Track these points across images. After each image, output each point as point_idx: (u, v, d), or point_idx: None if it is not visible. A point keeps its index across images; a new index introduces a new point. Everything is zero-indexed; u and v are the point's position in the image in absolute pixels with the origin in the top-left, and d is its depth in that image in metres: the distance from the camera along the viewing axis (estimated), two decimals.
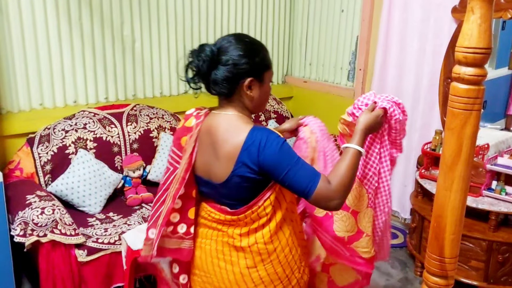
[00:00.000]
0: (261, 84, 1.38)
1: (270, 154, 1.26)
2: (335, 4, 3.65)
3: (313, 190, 1.23)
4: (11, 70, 2.69)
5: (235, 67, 1.32)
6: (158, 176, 3.00)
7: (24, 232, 2.17)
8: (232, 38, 1.36)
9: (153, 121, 3.13)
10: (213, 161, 1.37)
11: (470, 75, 0.95)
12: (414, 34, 3.09)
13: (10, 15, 2.62)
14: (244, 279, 1.38)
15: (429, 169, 2.85)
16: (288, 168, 1.25)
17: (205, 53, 1.33)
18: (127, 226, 2.52)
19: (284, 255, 1.40)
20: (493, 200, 2.54)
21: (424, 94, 3.10)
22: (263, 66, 1.37)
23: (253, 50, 1.35)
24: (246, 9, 3.72)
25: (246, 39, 1.37)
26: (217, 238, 1.42)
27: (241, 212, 1.36)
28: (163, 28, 3.26)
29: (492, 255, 2.49)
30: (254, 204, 1.34)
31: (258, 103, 1.40)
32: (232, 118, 1.36)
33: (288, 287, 1.42)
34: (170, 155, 1.47)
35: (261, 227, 1.37)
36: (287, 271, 1.41)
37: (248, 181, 1.32)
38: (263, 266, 1.38)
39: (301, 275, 1.47)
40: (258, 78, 1.36)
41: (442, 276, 1.10)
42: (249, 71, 1.33)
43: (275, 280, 1.39)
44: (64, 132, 2.76)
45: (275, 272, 1.39)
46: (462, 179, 1.01)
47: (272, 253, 1.38)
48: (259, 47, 1.38)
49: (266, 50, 1.40)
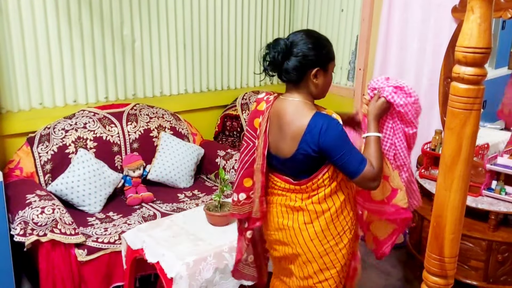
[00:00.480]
0: (326, 74, 1.60)
1: (329, 138, 1.49)
2: (335, 4, 3.65)
3: (360, 172, 1.48)
4: (11, 69, 2.69)
5: (305, 58, 1.54)
6: (158, 176, 3.00)
7: (24, 232, 2.17)
8: (303, 33, 1.58)
9: (153, 120, 3.13)
10: (280, 139, 1.60)
11: (470, 75, 0.95)
12: (414, 33, 3.09)
13: (10, 15, 2.62)
14: (302, 234, 1.64)
15: (428, 169, 2.85)
16: (343, 152, 1.49)
17: (280, 46, 1.54)
18: (127, 225, 2.52)
19: (336, 215, 1.63)
20: (493, 200, 2.54)
21: (424, 93, 3.10)
22: (328, 58, 1.60)
23: (320, 44, 1.58)
24: (246, 8, 3.72)
25: (315, 34, 1.61)
26: (281, 202, 1.68)
27: (303, 183, 1.61)
28: (163, 27, 3.26)
29: (492, 255, 2.49)
30: (314, 177, 1.59)
31: (321, 90, 1.63)
32: (298, 104, 1.59)
33: (339, 244, 1.64)
34: (245, 134, 1.72)
35: (319, 193, 1.62)
36: (339, 229, 1.64)
37: (309, 158, 1.55)
38: (318, 222, 1.62)
39: (352, 236, 1.68)
40: (323, 68, 1.58)
41: (441, 276, 1.10)
42: (316, 62, 1.55)
43: (328, 235, 1.63)
44: (64, 131, 2.76)
45: (327, 228, 1.62)
46: (461, 179, 1.01)
47: (326, 212, 1.62)
48: (325, 42, 1.61)
49: (331, 44, 1.63)
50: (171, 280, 1.93)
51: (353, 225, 1.70)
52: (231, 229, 2.24)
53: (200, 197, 2.95)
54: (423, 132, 3.12)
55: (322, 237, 1.63)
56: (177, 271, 1.92)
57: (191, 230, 2.21)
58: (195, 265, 1.95)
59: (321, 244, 1.64)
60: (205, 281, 1.97)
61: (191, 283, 1.92)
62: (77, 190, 2.63)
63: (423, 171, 2.84)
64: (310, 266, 1.67)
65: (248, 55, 3.85)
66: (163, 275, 1.97)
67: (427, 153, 2.84)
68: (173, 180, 3.04)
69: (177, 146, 3.09)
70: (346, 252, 1.67)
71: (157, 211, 2.71)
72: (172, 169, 3.02)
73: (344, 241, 1.65)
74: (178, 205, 2.82)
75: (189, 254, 1.99)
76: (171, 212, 2.68)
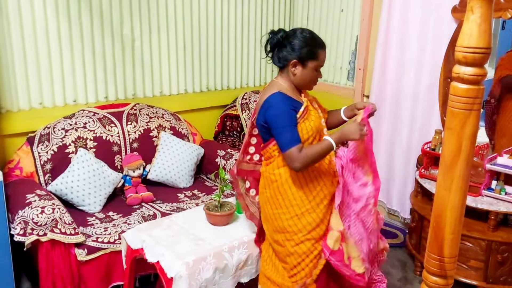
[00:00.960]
0: (304, 68, 1.87)
1: (270, 114, 1.83)
2: (335, 4, 3.65)
3: (286, 149, 1.77)
4: (11, 69, 2.69)
5: (287, 51, 1.86)
6: (158, 176, 3.00)
7: (24, 231, 2.17)
8: (298, 31, 1.87)
9: (153, 120, 3.13)
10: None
11: (470, 75, 0.95)
12: (414, 34, 3.09)
13: (10, 15, 2.62)
14: (261, 196, 1.99)
15: (428, 168, 2.86)
16: (278, 128, 1.80)
17: (277, 36, 1.88)
18: (127, 225, 2.52)
19: (283, 188, 1.89)
20: (493, 200, 2.54)
21: (424, 94, 3.10)
22: (308, 56, 1.84)
23: (305, 42, 1.84)
24: (246, 8, 3.72)
25: (307, 34, 1.86)
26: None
27: (262, 149, 1.98)
28: (163, 27, 3.26)
29: (492, 255, 2.49)
30: (267, 145, 1.93)
31: (300, 81, 1.91)
32: (274, 83, 1.93)
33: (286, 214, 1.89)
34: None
35: (272, 162, 1.92)
36: (286, 201, 1.89)
37: (263, 127, 1.90)
38: (269, 190, 1.93)
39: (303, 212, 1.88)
40: (301, 62, 1.86)
41: (441, 276, 1.10)
42: (296, 56, 1.85)
43: (276, 203, 1.91)
44: (64, 131, 2.76)
45: (275, 196, 1.91)
46: (461, 178, 1.01)
47: (274, 182, 1.91)
48: (312, 42, 1.85)
49: (320, 46, 1.87)
50: (171, 280, 1.93)
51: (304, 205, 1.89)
52: (231, 229, 2.24)
53: (200, 197, 2.95)
54: (423, 131, 3.13)
55: (271, 202, 1.92)
56: (177, 270, 1.92)
57: (191, 230, 2.21)
58: (195, 265, 1.95)
59: (271, 209, 1.93)
60: (205, 281, 1.97)
61: (191, 283, 1.92)
62: (77, 190, 2.63)
63: (423, 171, 2.84)
64: (268, 225, 1.97)
65: (248, 55, 3.84)
66: (163, 274, 1.97)
67: (427, 153, 2.84)
68: (173, 180, 3.04)
69: (177, 146, 3.09)
70: (293, 224, 1.89)
71: (157, 211, 2.71)
72: (172, 169, 3.02)
73: (291, 213, 1.89)
74: (178, 205, 2.82)
75: (189, 254, 1.99)
76: (171, 212, 2.68)
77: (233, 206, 2.31)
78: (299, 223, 1.89)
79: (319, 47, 1.87)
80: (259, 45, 3.90)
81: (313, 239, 1.90)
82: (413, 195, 2.99)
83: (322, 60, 1.89)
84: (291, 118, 1.82)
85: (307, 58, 1.85)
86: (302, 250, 1.90)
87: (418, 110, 3.15)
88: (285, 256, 1.93)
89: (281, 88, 1.89)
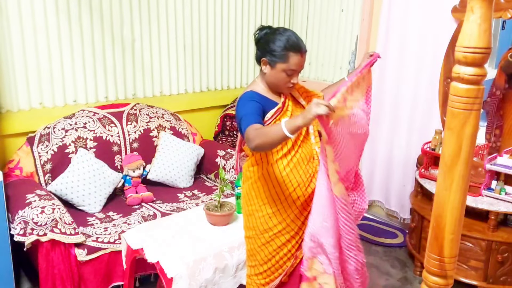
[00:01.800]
0: (272, 68, 1.80)
1: (236, 111, 1.82)
2: (335, 4, 3.65)
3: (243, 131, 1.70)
4: (11, 69, 2.69)
5: (261, 49, 1.83)
6: (158, 176, 3.00)
7: (24, 231, 2.17)
8: (278, 30, 1.81)
9: (153, 120, 3.13)
10: None
11: (470, 75, 0.95)
12: (414, 34, 3.09)
13: (10, 15, 2.62)
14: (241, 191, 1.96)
15: (428, 168, 2.86)
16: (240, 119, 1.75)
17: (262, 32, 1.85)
18: (127, 225, 2.52)
19: (256, 186, 1.85)
20: (493, 200, 2.54)
21: (424, 94, 3.10)
22: (276, 58, 1.78)
23: (278, 43, 1.77)
24: (246, 8, 3.72)
25: (283, 35, 1.79)
26: None
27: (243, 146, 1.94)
28: (163, 27, 3.26)
29: (492, 255, 2.49)
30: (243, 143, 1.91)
31: (268, 81, 1.85)
32: (253, 82, 1.91)
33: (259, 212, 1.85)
34: None
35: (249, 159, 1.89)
36: (258, 199, 1.86)
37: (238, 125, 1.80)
38: (245, 186, 1.91)
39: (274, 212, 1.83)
40: (270, 62, 1.79)
41: (441, 276, 1.10)
42: (266, 55, 1.80)
43: (251, 199, 1.88)
44: (64, 131, 2.76)
45: (250, 193, 1.88)
46: (461, 178, 1.01)
47: (249, 179, 1.88)
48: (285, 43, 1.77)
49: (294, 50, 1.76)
50: (171, 280, 1.93)
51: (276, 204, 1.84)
52: (231, 229, 2.24)
53: (200, 197, 2.95)
54: (423, 131, 3.13)
55: (246, 199, 1.90)
56: (177, 271, 1.92)
57: (191, 230, 2.21)
58: (195, 265, 1.95)
59: (246, 205, 1.91)
60: (205, 281, 1.97)
61: (191, 283, 1.92)
62: (77, 190, 2.63)
63: (423, 171, 2.84)
64: (244, 220, 1.95)
65: (248, 55, 3.85)
66: (163, 274, 1.97)
67: (427, 153, 2.84)
68: (173, 180, 3.04)
69: (177, 146, 3.09)
70: (264, 222, 1.85)
71: (157, 211, 2.71)
72: (172, 169, 3.02)
73: (263, 211, 1.85)
74: (178, 205, 2.82)
75: (189, 254, 1.99)
76: (171, 212, 2.68)
77: (233, 206, 2.31)
78: (270, 222, 1.85)
79: (292, 50, 1.77)
80: None
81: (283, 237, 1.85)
82: (413, 195, 2.99)
83: (293, 64, 1.77)
84: (253, 108, 1.76)
85: (275, 58, 1.78)
86: (270, 249, 1.86)
87: (418, 110, 3.15)
88: (254, 254, 1.90)
89: (256, 87, 1.86)
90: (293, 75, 1.79)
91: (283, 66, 1.77)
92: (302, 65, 1.81)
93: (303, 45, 1.80)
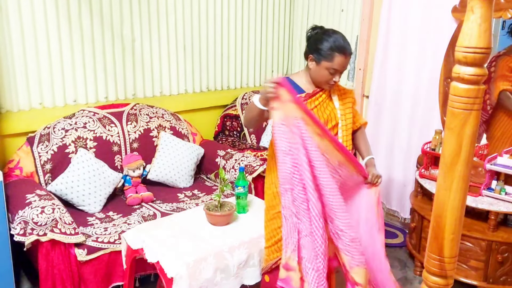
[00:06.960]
0: (317, 64, 1.95)
1: None
2: (335, 4, 3.65)
3: None
4: (11, 69, 2.69)
5: (310, 47, 1.99)
6: (158, 176, 3.00)
7: (24, 231, 2.17)
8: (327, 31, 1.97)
9: (153, 120, 3.13)
10: None
11: (470, 75, 0.95)
12: (414, 33, 3.09)
13: (10, 14, 2.62)
14: None
15: (429, 168, 2.86)
16: None
17: (313, 32, 2.02)
18: (127, 225, 2.52)
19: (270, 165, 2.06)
20: (493, 200, 2.54)
21: (424, 94, 3.10)
22: (322, 55, 1.93)
23: (325, 43, 1.92)
24: (246, 8, 3.72)
25: (331, 36, 1.94)
26: None
27: None
28: (163, 27, 3.26)
29: (492, 255, 2.49)
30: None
31: (312, 76, 2.01)
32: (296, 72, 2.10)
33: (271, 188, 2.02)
34: None
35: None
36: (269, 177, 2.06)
37: None
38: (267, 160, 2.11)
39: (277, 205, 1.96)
40: (316, 59, 1.95)
41: (441, 276, 1.10)
42: (313, 52, 1.96)
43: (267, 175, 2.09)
44: (64, 131, 2.76)
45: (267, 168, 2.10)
46: (461, 178, 1.01)
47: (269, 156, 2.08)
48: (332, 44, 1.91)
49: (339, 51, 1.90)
50: (171, 280, 1.93)
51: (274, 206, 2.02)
52: (231, 229, 2.24)
53: (200, 197, 2.95)
54: (423, 131, 3.13)
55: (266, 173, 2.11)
56: (177, 271, 1.92)
57: (191, 230, 2.21)
58: (195, 265, 1.95)
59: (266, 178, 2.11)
60: (205, 281, 1.97)
61: (191, 283, 1.92)
62: (77, 190, 2.63)
63: (423, 171, 2.84)
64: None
65: (248, 55, 3.85)
66: (163, 274, 1.97)
67: (427, 153, 2.84)
68: (173, 180, 3.04)
69: (177, 146, 3.09)
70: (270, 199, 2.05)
71: (157, 211, 2.71)
72: (172, 169, 3.02)
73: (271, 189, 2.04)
74: (178, 205, 2.82)
75: (189, 254, 1.99)
76: (171, 212, 2.68)
77: (233, 206, 2.31)
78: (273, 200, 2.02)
79: (337, 51, 1.91)
80: (259, 45, 3.90)
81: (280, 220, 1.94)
82: (413, 195, 2.99)
83: (337, 64, 1.92)
84: None
85: (321, 57, 1.93)
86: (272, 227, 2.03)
87: (418, 110, 3.15)
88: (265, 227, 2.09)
89: (295, 77, 2.04)
90: (335, 74, 1.94)
91: (327, 64, 1.93)
92: (345, 66, 1.96)
93: (349, 48, 1.94)
